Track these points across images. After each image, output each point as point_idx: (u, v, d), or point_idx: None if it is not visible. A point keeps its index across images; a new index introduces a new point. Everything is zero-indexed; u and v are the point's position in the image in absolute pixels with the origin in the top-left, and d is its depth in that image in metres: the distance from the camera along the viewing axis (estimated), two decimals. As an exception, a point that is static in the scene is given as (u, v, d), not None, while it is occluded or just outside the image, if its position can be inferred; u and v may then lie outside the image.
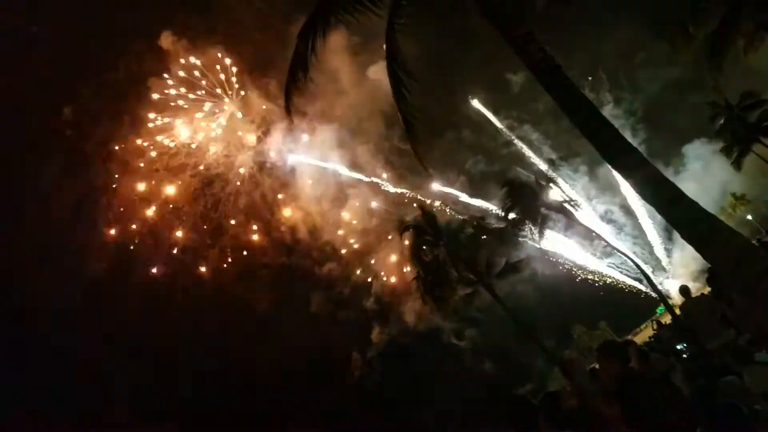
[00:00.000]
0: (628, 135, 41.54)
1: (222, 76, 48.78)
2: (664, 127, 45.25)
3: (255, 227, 50.39)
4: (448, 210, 47.24)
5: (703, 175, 40.02)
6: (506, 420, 4.14)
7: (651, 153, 38.66)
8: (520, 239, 30.79)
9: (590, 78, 46.77)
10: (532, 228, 28.30)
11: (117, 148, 47.32)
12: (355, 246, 48.43)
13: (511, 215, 28.45)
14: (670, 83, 44.64)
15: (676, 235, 6.93)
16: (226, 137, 50.25)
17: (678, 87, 42.95)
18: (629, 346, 6.53)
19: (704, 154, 40.81)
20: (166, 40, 46.52)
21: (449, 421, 40.41)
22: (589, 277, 46.91)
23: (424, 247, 28.41)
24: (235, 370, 44.85)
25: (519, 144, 49.81)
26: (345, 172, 49.14)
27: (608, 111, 46.05)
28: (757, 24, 15.49)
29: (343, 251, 48.49)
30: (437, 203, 47.50)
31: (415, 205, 35.41)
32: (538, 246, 29.78)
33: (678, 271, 42.05)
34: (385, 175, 49.24)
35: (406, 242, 30.14)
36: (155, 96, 47.16)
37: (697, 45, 14.61)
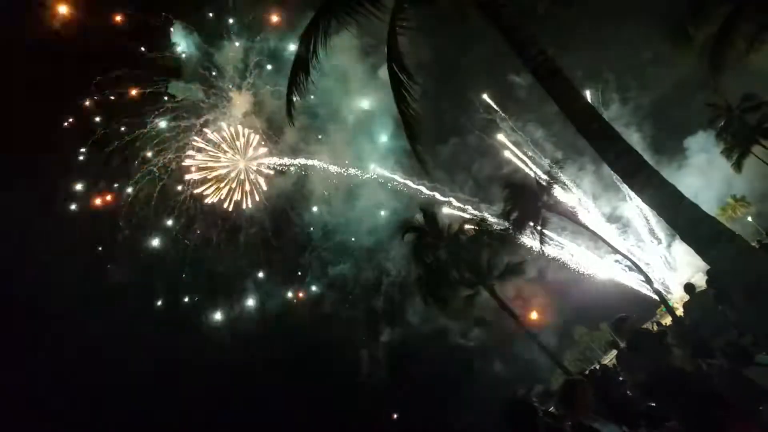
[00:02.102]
0: (631, 133, 41.80)
1: (236, 77, 49.20)
2: (667, 125, 45.41)
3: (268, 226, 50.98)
4: (452, 210, 47.48)
5: (706, 173, 40.03)
6: (506, 421, 4.14)
7: (653, 151, 38.92)
8: (521, 241, 30.68)
9: (594, 80, 46.87)
10: (533, 229, 28.18)
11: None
12: (365, 245, 48.94)
13: (513, 216, 28.33)
14: (673, 83, 44.75)
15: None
16: (239, 138, 50.68)
17: (681, 86, 43.00)
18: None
19: (707, 151, 40.77)
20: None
21: (454, 422, 40.40)
22: (590, 277, 46.84)
23: (426, 249, 28.32)
24: (239, 370, 44.90)
25: (523, 144, 49.89)
26: (355, 172, 49.64)
27: (614, 110, 46.25)
28: (758, 26, 15.47)
29: (353, 250, 49.03)
30: (442, 203, 47.77)
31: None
32: (539, 247, 29.65)
33: (682, 269, 41.90)
34: (394, 176, 49.72)
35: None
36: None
37: (698, 46, 14.57)
